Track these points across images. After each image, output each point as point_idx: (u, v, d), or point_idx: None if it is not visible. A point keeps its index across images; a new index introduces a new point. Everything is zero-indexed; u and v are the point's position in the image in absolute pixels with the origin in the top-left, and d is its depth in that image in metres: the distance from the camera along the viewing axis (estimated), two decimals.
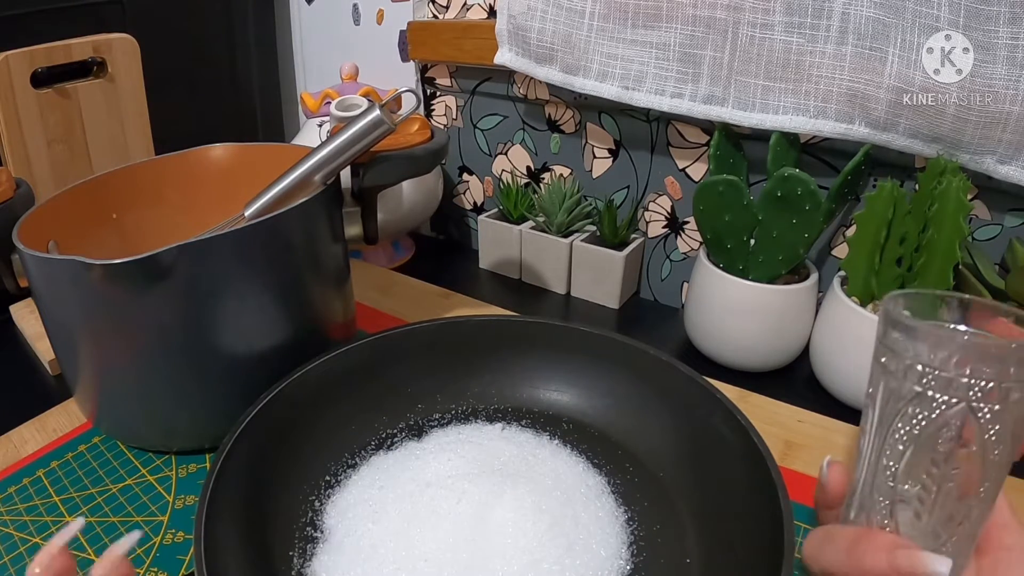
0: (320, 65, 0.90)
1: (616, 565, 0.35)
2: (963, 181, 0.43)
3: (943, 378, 0.25)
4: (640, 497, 0.40)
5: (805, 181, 0.47)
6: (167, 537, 0.39)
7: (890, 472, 0.27)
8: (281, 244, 0.43)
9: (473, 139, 0.76)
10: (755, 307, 0.53)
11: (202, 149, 0.55)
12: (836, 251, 0.58)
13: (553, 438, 0.44)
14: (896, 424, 0.27)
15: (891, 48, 0.45)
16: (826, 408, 0.50)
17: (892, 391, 0.27)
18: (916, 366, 0.26)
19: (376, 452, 0.43)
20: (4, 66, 0.55)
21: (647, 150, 0.64)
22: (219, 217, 0.47)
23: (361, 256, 0.76)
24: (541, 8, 0.58)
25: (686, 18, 0.52)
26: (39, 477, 0.44)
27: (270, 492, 0.38)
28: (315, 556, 0.36)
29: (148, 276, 0.38)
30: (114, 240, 0.50)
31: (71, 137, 0.62)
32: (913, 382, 0.26)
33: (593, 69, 0.58)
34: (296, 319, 0.45)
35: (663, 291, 0.68)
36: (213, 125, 0.83)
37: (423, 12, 0.74)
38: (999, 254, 0.50)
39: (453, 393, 0.47)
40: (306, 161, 0.44)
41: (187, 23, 0.79)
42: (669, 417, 0.42)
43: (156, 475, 0.44)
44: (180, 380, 0.43)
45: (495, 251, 0.74)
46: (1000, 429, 0.25)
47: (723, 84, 0.53)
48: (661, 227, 0.66)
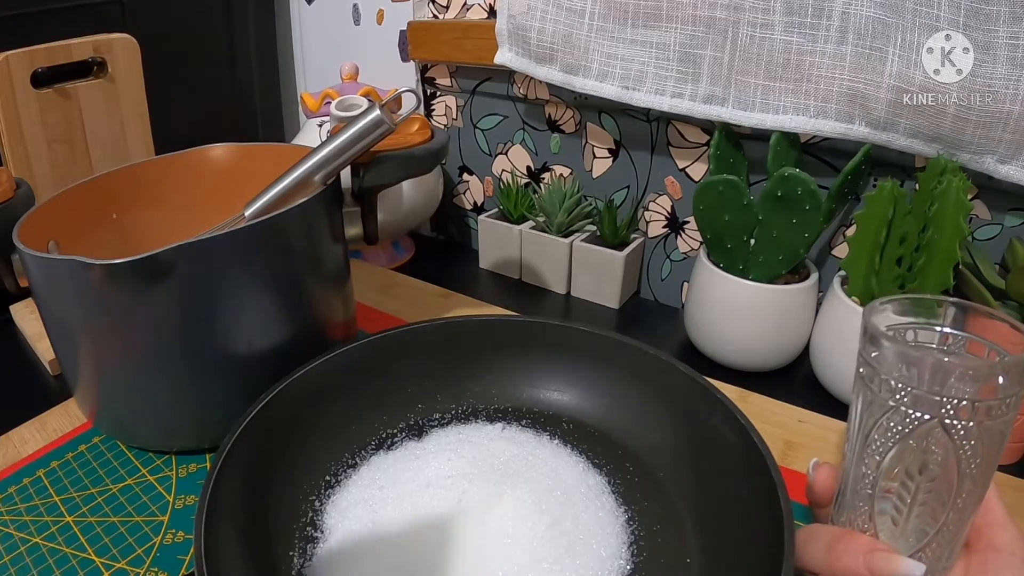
0: (320, 65, 0.90)
1: (616, 565, 0.35)
2: (963, 181, 0.43)
3: (915, 395, 0.25)
4: (640, 497, 0.40)
5: (805, 181, 0.47)
6: (167, 537, 0.39)
7: (868, 479, 0.28)
8: (281, 244, 0.43)
9: (473, 139, 0.76)
10: (755, 307, 0.53)
11: (202, 149, 0.55)
12: (836, 251, 0.58)
13: (553, 438, 0.44)
14: (873, 435, 0.27)
15: (891, 48, 0.45)
16: (826, 408, 0.50)
17: (869, 402, 0.27)
18: (890, 381, 0.26)
19: (376, 452, 0.43)
20: (4, 66, 0.55)
21: (647, 150, 0.64)
22: (219, 217, 0.47)
23: (361, 256, 0.76)
24: (541, 8, 0.58)
25: (686, 18, 0.52)
26: (39, 477, 0.44)
27: (270, 492, 0.38)
28: (315, 556, 0.36)
29: (148, 276, 0.38)
30: (114, 240, 0.50)
31: (71, 137, 0.62)
32: (887, 396, 0.26)
33: (593, 69, 0.58)
34: (296, 319, 0.45)
35: (663, 291, 0.68)
36: (213, 125, 0.83)
37: (423, 12, 0.74)
38: (999, 254, 0.50)
39: (453, 393, 0.47)
40: (306, 161, 0.44)
41: (187, 23, 0.79)
42: (669, 417, 0.42)
43: (156, 475, 0.44)
44: (180, 380, 0.43)
45: (495, 251, 0.74)
46: (975, 444, 0.25)
47: (723, 84, 0.53)
48: (661, 227, 0.66)
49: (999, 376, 0.24)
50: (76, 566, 0.38)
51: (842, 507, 0.30)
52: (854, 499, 0.29)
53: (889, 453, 0.27)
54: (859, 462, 0.28)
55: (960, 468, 0.26)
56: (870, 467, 0.28)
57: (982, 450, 0.25)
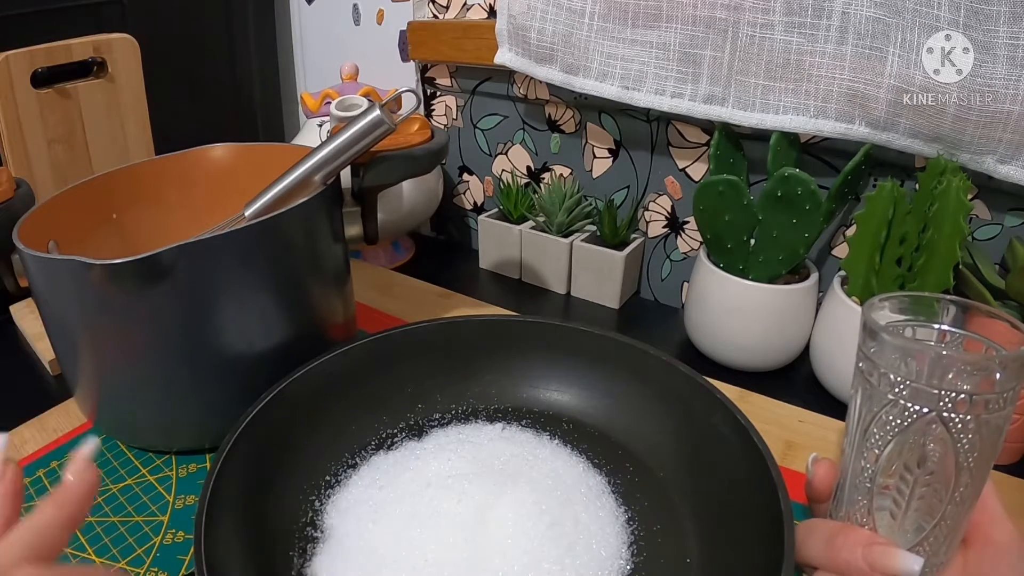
0: (320, 65, 0.90)
1: (616, 565, 0.35)
2: (963, 181, 0.43)
3: (914, 388, 0.26)
4: (640, 497, 0.40)
5: (805, 181, 0.47)
6: (167, 537, 0.39)
7: (867, 473, 0.28)
8: (281, 244, 0.43)
9: (473, 139, 0.76)
10: (755, 307, 0.53)
11: (202, 149, 0.55)
12: (836, 251, 0.58)
13: (553, 438, 0.44)
14: (872, 428, 0.27)
15: (891, 48, 0.45)
16: (826, 408, 0.50)
17: (868, 396, 0.28)
18: (889, 375, 0.26)
19: (376, 452, 0.43)
20: (4, 66, 0.55)
21: (647, 150, 0.64)
22: (219, 217, 0.47)
23: (361, 256, 0.76)
24: (541, 8, 0.58)
25: (686, 18, 0.52)
26: (39, 477, 0.44)
27: (270, 492, 0.38)
28: (315, 556, 0.36)
29: (148, 276, 0.38)
30: (114, 240, 0.50)
31: (71, 137, 0.62)
32: (887, 390, 0.26)
33: (593, 69, 0.58)
34: (296, 319, 0.45)
35: (663, 291, 0.68)
36: (213, 125, 0.83)
37: (423, 12, 0.74)
38: (999, 254, 0.50)
39: (453, 393, 0.47)
40: (306, 161, 0.44)
41: (187, 23, 0.79)
42: (669, 417, 0.42)
43: (156, 475, 0.44)
44: (180, 380, 0.43)
45: (495, 251, 0.74)
46: (973, 437, 0.25)
47: (723, 84, 0.53)
48: (661, 227, 0.66)
49: (997, 370, 0.25)
50: None
51: (841, 502, 0.30)
52: (853, 493, 0.29)
53: (888, 447, 0.27)
54: (858, 456, 0.28)
55: (958, 462, 0.26)
56: (869, 461, 0.28)
57: (980, 444, 0.25)
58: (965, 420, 0.25)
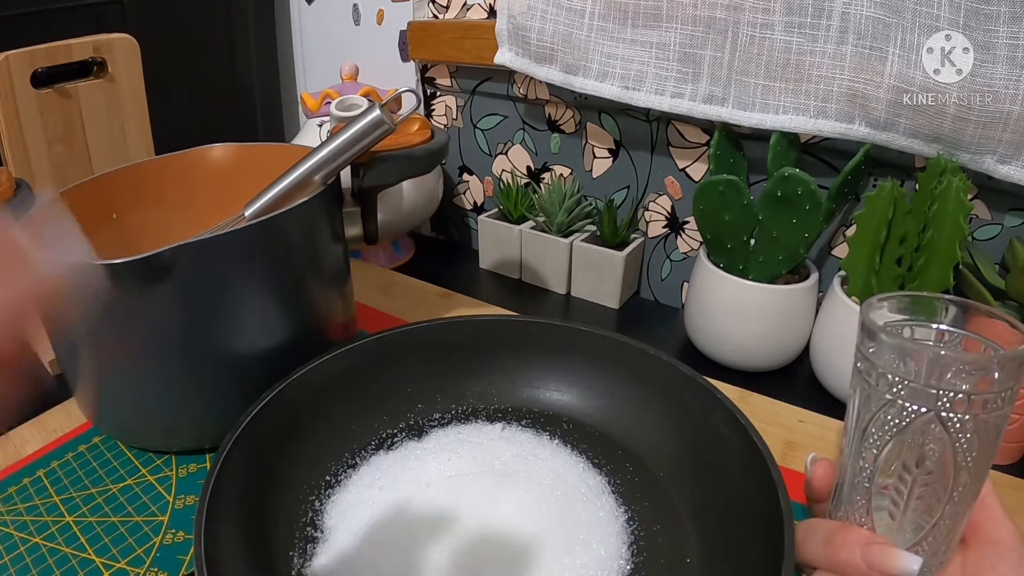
0: (320, 65, 0.90)
1: (616, 565, 0.35)
2: (963, 181, 0.43)
3: (912, 388, 0.26)
4: (640, 497, 0.40)
5: (805, 181, 0.47)
6: (167, 537, 0.39)
7: (866, 473, 0.28)
8: (281, 244, 0.43)
9: (473, 139, 0.76)
10: (755, 307, 0.53)
11: (202, 149, 0.55)
12: (836, 251, 0.58)
13: (553, 438, 0.44)
14: (870, 428, 0.27)
15: (891, 48, 0.45)
16: (826, 408, 0.50)
17: (867, 396, 0.28)
18: (887, 375, 0.26)
19: (376, 452, 0.43)
20: (4, 66, 0.55)
21: (647, 150, 0.64)
22: (219, 217, 0.47)
23: (361, 256, 0.76)
24: (541, 8, 0.58)
25: (686, 18, 0.52)
26: (39, 477, 0.44)
27: (270, 492, 0.38)
28: (315, 556, 0.36)
29: (148, 276, 0.38)
30: (114, 240, 0.50)
31: (71, 137, 0.62)
32: (885, 390, 0.26)
33: (593, 69, 0.58)
34: (296, 319, 0.45)
35: (663, 291, 0.68)
36: (213, 125, 0.83)
37: (423, 12, 0.74)
38: (999, 254, 0.50)
39: (453, 393, 0.47)
40: (306, 161, 0.44)
41: (187, 23, 0.79)
42: (669, 417, 0.42)
43: (156, 475, 0.44)
44: (180, 380, 0.43)
45: (495, 251, 0.74)
46: (971, 437, 0.25)
47: (723, 84, 0.53)
48: (661, 227, 0.66)
49: (995, 369, 0.25)
50: (76, 566, 0.38)
51: (840, 501, 0.30)
52: (852, 493, 0.29)
53: (886, 447, 0.27)
54: (857, 456, 0.28)
55: (956, 461, 0.26)
56: (867, 461, 0.28)
57: (978, 443, 0.25)
58: (963, 420, 0.25)
